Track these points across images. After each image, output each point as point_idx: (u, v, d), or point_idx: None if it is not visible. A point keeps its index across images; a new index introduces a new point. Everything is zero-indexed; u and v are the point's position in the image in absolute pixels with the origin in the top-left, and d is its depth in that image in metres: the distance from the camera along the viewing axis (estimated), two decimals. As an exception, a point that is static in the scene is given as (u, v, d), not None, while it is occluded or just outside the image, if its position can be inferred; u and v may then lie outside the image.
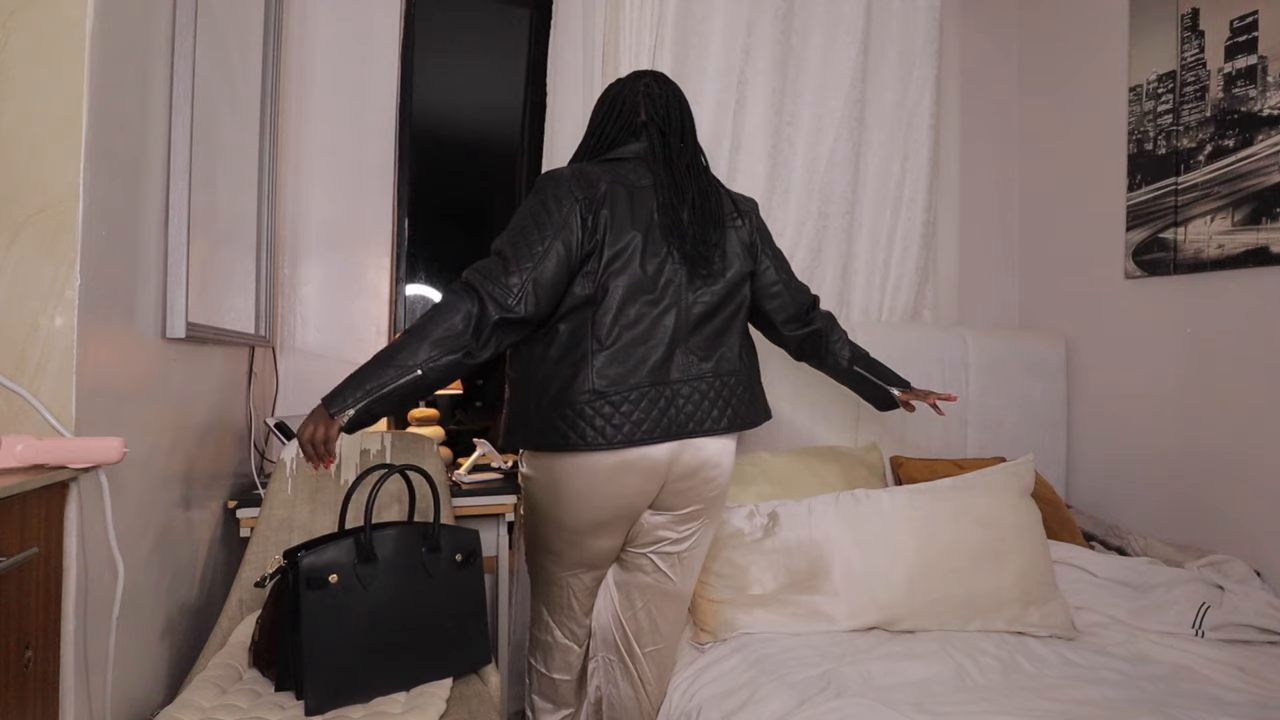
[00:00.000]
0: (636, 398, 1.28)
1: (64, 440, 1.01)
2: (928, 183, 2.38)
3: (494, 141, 2.57)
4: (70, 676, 1.04)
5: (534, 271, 1.23)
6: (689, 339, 1.34)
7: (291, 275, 2.07)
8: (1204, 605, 1.55)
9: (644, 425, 1.27)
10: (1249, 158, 1.89)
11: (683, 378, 1.32)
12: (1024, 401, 2.33)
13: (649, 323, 1.30)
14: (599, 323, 1.28)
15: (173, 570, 1.41)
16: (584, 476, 1.31)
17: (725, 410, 1.36)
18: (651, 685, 1.48)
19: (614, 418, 1.26)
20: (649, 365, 1.29)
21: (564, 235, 1.26)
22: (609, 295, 1.28)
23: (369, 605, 1.21)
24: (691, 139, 1.45)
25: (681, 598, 1.49)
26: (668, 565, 1.44)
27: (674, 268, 1.33)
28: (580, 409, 1.26)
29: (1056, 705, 1.20)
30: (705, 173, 1.45)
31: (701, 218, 1.36)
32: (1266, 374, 1.85)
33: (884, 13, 2.34)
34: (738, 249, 1.42)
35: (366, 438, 1.61)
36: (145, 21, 1.25)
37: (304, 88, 2.08)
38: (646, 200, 1.34)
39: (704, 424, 1.33)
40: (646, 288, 1.30)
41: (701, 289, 1.35)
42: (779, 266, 1.51)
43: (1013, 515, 1.60)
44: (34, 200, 1.03)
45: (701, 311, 1.35)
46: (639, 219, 1.32)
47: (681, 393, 1.32)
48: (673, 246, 1.32)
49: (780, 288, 1.51)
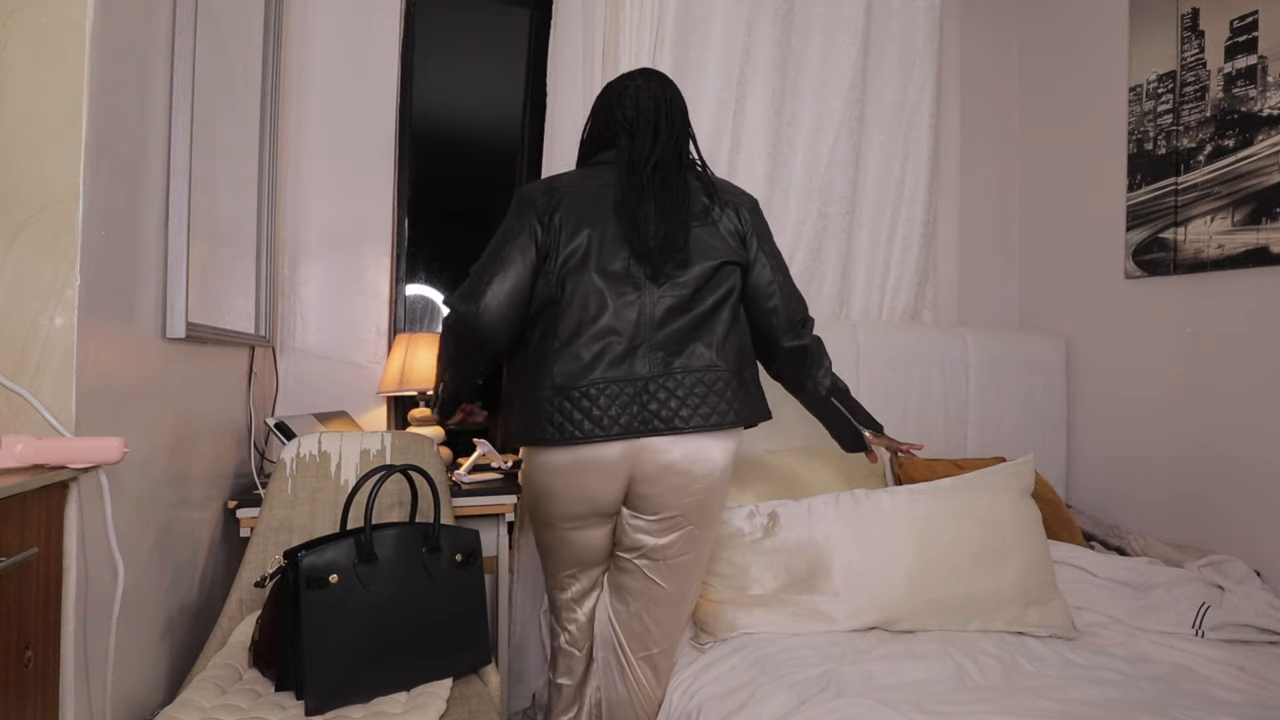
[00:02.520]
0: (595, 394, 1.30)
1: (64, 440, 1.01)
2: (928, 183, 2.38)
3: (494, 141, 2.57)
4: (70, 676, 1.04)
5: (499, 283, 1.32)
6: (654, 335, 1.33)
7: (291, 275, 2.07)
8: (1204, 605, 1.55)
9: (602, 422, 1.29)
10: (1249, 158, 1.89)
11: (648, 375, 1.31)
12: (1024, 401, 2.33)
13: (608, 319, 1.31)
14: (559, 321, 1.33)
15: (173, 570, 1.41)
16: (550, 470, 1.36)
17: (697, 410, 1.31)
18: (646, 689, 1.45)
19: (573, 414, 1.29)
20: (606, 361, 1.30)
21: (521, 242, 1.34)
22: (566, 294, 1.33)
23: (369, 605, 1.21)
24: (670, 136, 1.42)
25: (676, 603, 1.45)
26: (654, 571, 1.41)
27: (636, 266, 1.33)
28: (542, 405, 1.31)
29: (1056, 705, 1.20)
30: (680, 170, 1.41)
31: (661, 217, 1.35)
32: (1267, 374, 1.85)
33: (884, 13, 2.34)
34: (713, 243, 1.38)
35: (367, 438, 1.62)
36: (145, 21, 1.25)
37: (304, 88, 2.08)
38: (607, 200, 1.37)
39: (671, 423, 1.30)
40: (606, 286, 1.32)
41: (666, 285, 1.34)
42: (775, 267, 1.47)
43: (1013, 515, 1.60)
44: (34, 200, 1.03)
45: (669, 307, 1.34)
46: (598, 219, 1.35)
47: (647, 389, 1.31)
48: (630, 245, 1.34)
49: (775, 289, 1.45)
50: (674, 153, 1.41)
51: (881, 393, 2.17)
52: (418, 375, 1.99)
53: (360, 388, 2.13)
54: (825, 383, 1.51)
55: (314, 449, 1.57)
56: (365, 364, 2.14)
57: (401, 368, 2.00)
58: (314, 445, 1.58)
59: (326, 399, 2.08)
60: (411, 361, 2.00)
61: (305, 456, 1.56)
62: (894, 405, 2.19)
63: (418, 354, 2.01)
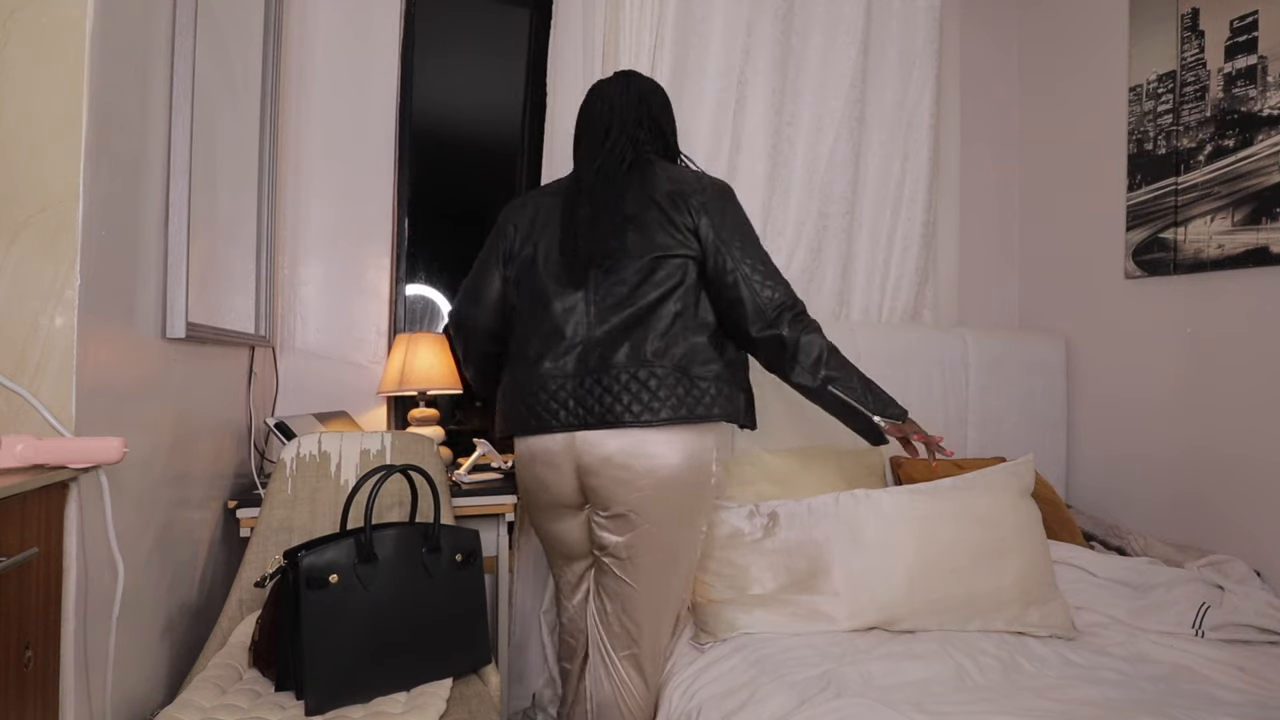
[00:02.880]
0: (535, 389, 1.39)
1: (64, 440, 1.01)
2: (928, 183, 2.38)
3: (494, 141, 2.57)
4: (70, 676, 1.04)
5: (479, 292, 1.51)
6: (593, 333, 1.37)
7: (291, 275, 2.07)
8: (1204, 605, 1.55)
9: (543, 417, 1.38)
10: (1249, 158, 1.89)
11: (585, 371, 1.36)
12: (1024, 401, 2.33)
13: (553, 319, 1.40)
14: (517, 323, 1.47)
15: (173, 570, 1.41)
16: (518, 462, 1.49)
17: (629, 406, 1.32)
18: (632, 689, 1.44)
19: (525, 408, 1.40)
20: (549, 359, 1.38)
21: (496, 251, 1.50)
22: (521, 297, 1.46)
23: (369, 605, 1.21)
24: (620, 136, 1.45)
25: (652, 605, 1.43)
26: (623, 570, 1.41)
27: (578, 268, 1.39)
28: (508, 399, 1.45)
29: (1056, 705, 1.20)
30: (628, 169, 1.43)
31: (594, 220, 1.39)
32: (1267, 374, 1.85)
33: (884, 13, 2.34)
34: (659, 238, 1.38)
35: (367, 438, 1.62)
36: (145, 21, 1.25)
37: (304, 88, 2.08)
38: (556, 208, 1.47)
39: (604, 418, 1.33)
40: (551, 288, 1.41)
41: (608, 283, 1.38)
42: (740, 256, 1.39)
43: (1013, 515, 1.60)
44: (34, 200, 1.03)
45: (608, 304, 1.37)
46: (549, 225, 1.45)
47: (584, 384, 1.36)
48: (562, 249, 1.42)
49: (736, 278, 1.38)
50: (619, 157, 1.43)
51: (881, 393, 2.18)
52: (418, 375, 1.99)
53: (360, 388, 2.13)
54: (816, 373, 1.39)
55: (314, 449, 1.57)
56: (365, 364, 2.14)
57: (401, 368, 2.00)
58: (314, 445, 1.58)
59: (326, 399, 2.08)
60: (411, 361, 2.00)
61: (305, 456, 1.56)
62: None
63: (418, 354, 2.01)
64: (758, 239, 1.45)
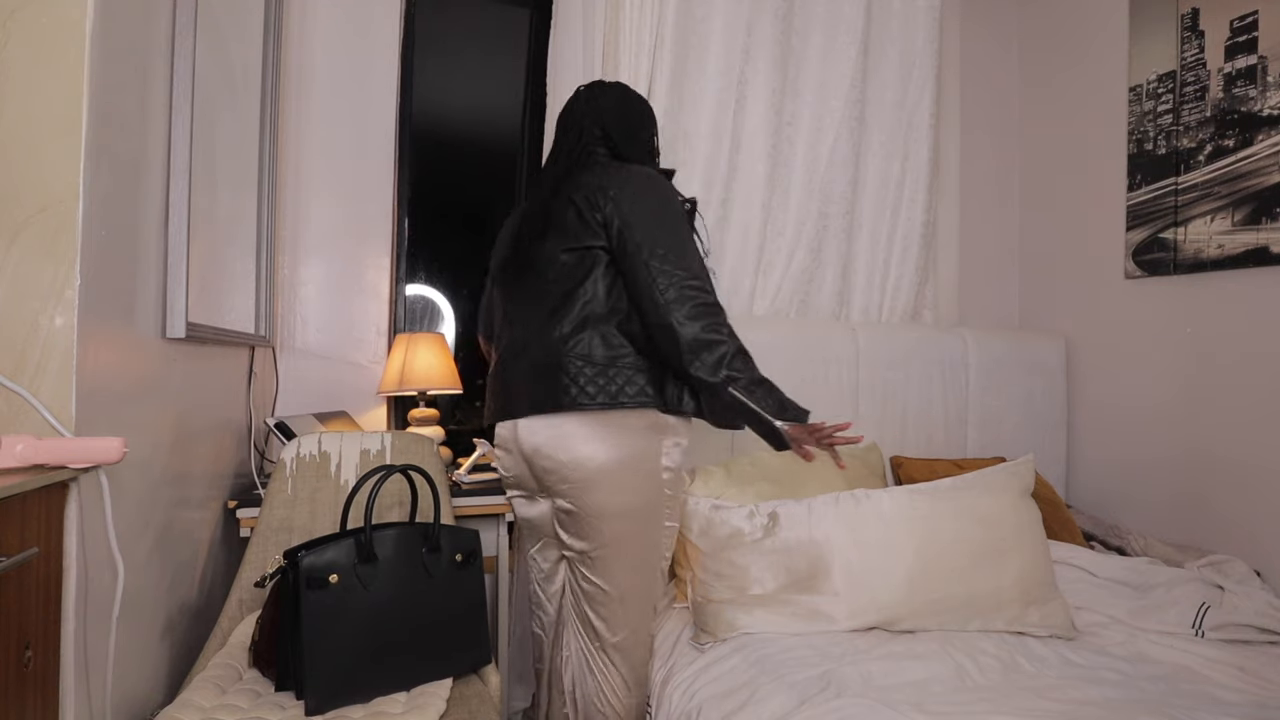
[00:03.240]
0: (492, 380, 1.51)
1: (64, 440, 1.01)
2: (928, 183, 2.38)
3: (494, 141, 2.57)
4: (70, 676, 1.04)
5: (484, 300, 1.68)
6: (512, 329, 1.48)
7: (291, 275, 2.07)
8: (1204, 605, 1.55)
9: (495, 405, 1.48)
10: (1249, 158, 1.89)
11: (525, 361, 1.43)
12: (1024, 401, 2.33)
13: (501, 317, 1.52)
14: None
15: (173, 570, 1.41)
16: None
17: (523, 393, 1.40)
18: (614, 685, 1.43)
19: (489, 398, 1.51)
20: (502, 350, 1.48)
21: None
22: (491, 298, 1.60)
23: (369, 605, 1.21)
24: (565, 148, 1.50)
25: (619, 602, 1.41)
26: (584, 566, 1.42)
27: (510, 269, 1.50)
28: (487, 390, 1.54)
29: (1056, 705, 1.20)
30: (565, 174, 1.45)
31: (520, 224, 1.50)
32: (1266, 374, 1.85)
33: (884, 13, 2.34)
34: (568, 229, 1.38)
35: (367, 438, 1.62)
36: (145, 21, 1.25)
37: (304, 88, 2.08)
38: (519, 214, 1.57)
39: (507, 409, 1.44)
40: (500, 290, 1.52)
41: (527, 279, 1.46)
42: (642, 243, 1.33)
43: (1013, 515, 1.60)
44: (34, 200, 1.03)
45: (525, 300, 1.46)
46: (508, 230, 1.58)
47: (502, 376, 1.47)
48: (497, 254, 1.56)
49: (636, 263, 1.32)
50: (566, 167, 1.48)
51: (881, 393, 2.18)
52: (418, 375, 1.99)
53: (360, 388, 2.13)
54: (717, 371, 1.30)
55: (314, 449, 1.57)
56: (365, 364, 2.14)
57: (401, 368, 2.00)
58: (314, 445, 1.58)
59: (326, 399, 2.08)
60: (411, 362, 2.00)
61: (305, 456, 1.56)
62: (894, 405, 2.20)
63: (417, 354, 2.01)
64: (676, 228, 1.38)
